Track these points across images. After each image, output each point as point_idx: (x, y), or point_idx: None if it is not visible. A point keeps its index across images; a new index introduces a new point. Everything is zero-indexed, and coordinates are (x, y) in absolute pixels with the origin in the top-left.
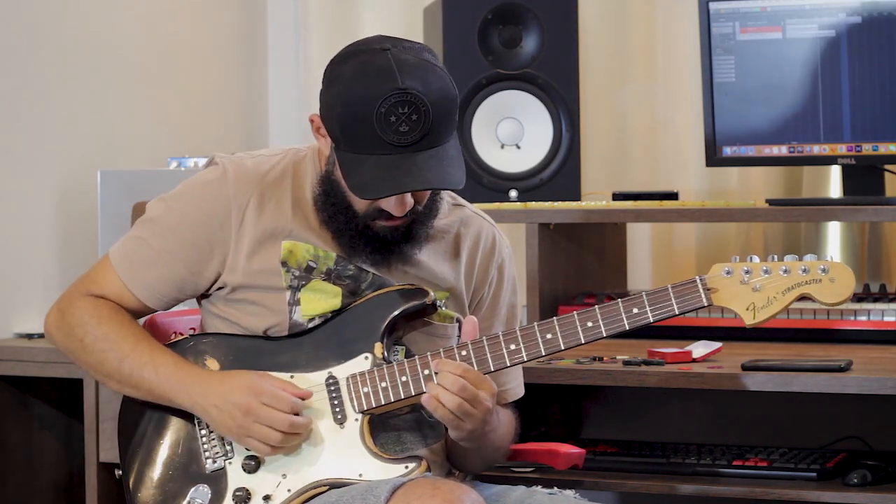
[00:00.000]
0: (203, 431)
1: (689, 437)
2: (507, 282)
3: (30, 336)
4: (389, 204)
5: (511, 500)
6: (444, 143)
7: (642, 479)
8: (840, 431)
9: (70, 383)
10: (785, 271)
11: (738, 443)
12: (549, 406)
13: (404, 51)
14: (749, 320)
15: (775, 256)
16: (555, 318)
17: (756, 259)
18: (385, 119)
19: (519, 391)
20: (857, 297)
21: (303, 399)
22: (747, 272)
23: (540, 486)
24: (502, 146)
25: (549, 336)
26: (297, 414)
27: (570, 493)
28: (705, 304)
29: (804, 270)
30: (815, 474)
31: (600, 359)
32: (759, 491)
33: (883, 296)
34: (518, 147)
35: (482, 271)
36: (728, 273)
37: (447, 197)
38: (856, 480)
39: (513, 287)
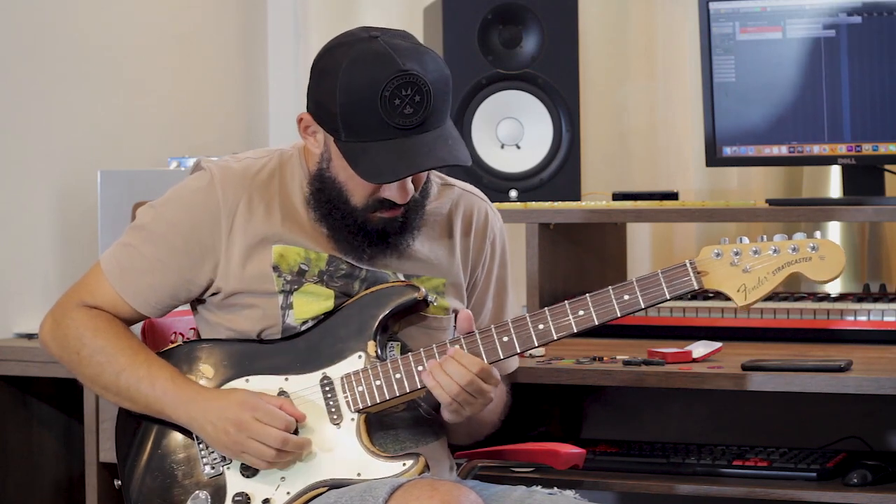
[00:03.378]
0: (200, 437)
1: (689, 437)
2: (497, 256)
3: (30, 336)
4: (392, 192)
5: (511, 500)
6: (444, 124)
7: (642, 479)
8: (840, 431)
9: (70, 383)
10: (774, 251)
11: (738, 443)
12: (549, 406)
13: (394, 37)
14: (740, 301)
15: (764, 237)
16: (546, 308)
17: (745, 240)
18: (390, 102)
19: (513, 364)
20: (857, 297)
21: (297, 421)
22: (737, 254)
23: (540, 487)
24: (502, 146)
25: (541, 326)
26: (295, 432)
27: (570, 493)
28: (696, 288)
29: (794, 249)
30: (815, 474)
31: (600, 359)
32: (759, 491)
33: (883, 296)
34: (518, 147)
35: (476, 250)
36: (718, 255)
37: (435, 178)
38: (856, 480)
39: (502, 261)
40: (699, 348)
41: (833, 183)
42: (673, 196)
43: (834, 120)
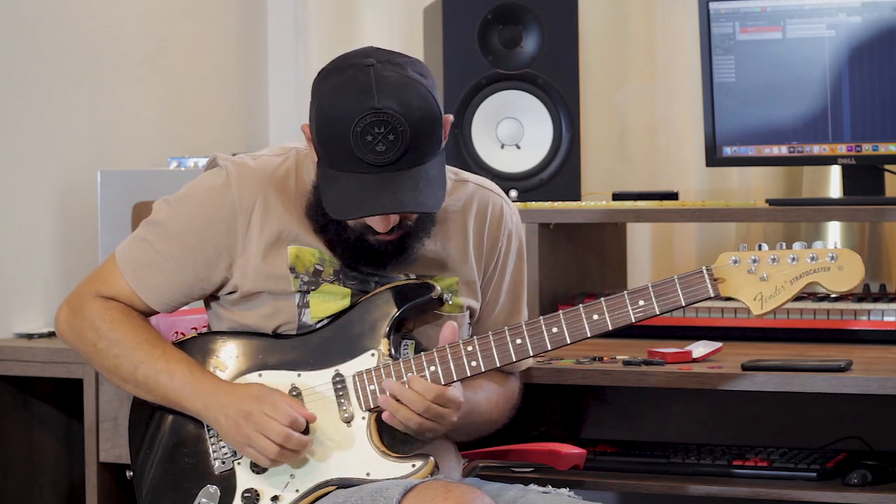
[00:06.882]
0: (212, 432)
1: (689, 437)
2: (513, 251)
3: (30, 336)
4: (374, 221)
5: (506, 498)
6: (424, 163)
7: (642, 479)
8: (840, 431)
9: (70, 383)
10: (793, 259)
11: (738, 443)
12: (549, 406)
13: (389, 66)
14: (756, 310)
15: (783, 244)
16: (560, 311)
17: (764, 247)
18: (361, 138)
19: (523, 363)
20: (857, 297)
21: (308, 421)
22: (755, 261)
23: (534, 485)
24: (502, 146)
25: (554, 330)
26: (304, 432)
27: (563, 491)
28: (712, 295)
29: (812, 258)
30: (815, 474)
31: (600, 359)
32: (759, 491)
33: (883, 296)
34: (518, 147)
35: (490, 246)
36: (735, 262)
37: (449, 174)
38: (856, 480)
39: (518, 255)
40: (699, 348)
41: (833, 183)
42: (673, 196)
43: (834, 120)
